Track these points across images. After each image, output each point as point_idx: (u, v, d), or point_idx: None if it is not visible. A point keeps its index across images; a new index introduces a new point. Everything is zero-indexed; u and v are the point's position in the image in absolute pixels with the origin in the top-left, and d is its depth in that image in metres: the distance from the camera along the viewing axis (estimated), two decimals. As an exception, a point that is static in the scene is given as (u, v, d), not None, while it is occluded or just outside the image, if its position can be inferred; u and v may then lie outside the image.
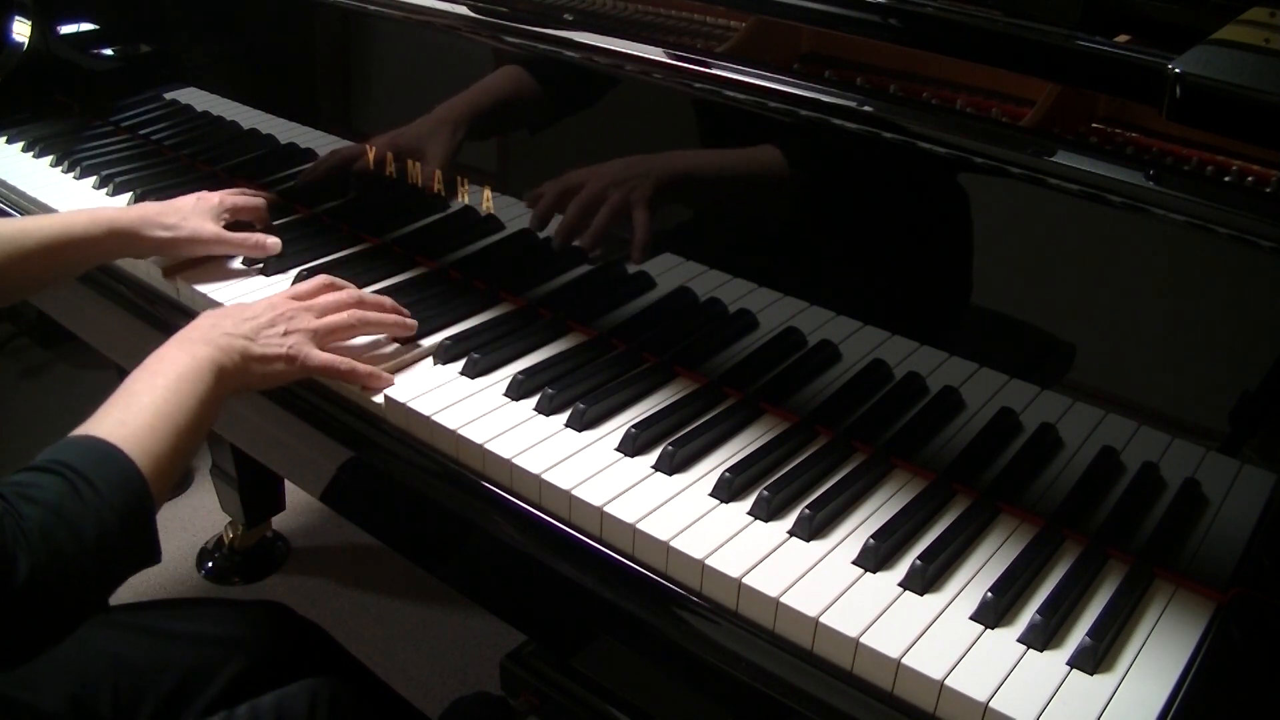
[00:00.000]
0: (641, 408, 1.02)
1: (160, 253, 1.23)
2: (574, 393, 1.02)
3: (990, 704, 0.73)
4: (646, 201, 1.05)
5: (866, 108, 0.91)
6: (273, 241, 1.25)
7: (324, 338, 1.05)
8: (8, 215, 1.46)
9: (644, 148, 1.07)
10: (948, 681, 0.74)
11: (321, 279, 1.12)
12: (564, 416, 1.00)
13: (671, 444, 0.95)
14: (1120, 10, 0.90)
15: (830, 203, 0.99)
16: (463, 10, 1.16)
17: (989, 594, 0.80)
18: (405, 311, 1.12)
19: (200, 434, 0.92)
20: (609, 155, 1.09)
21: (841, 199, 0.98)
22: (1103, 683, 0.76)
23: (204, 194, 1.27)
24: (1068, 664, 0.77)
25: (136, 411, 0.87)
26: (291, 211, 1.40)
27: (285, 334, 1.02)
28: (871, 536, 0.85)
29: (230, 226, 1.26)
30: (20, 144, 1.59)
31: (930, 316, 0.96)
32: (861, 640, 0.77)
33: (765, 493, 0.89)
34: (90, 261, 1.21)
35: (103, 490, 0.79)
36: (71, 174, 1.49)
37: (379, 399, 1.03)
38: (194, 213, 1.22)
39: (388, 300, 1.12)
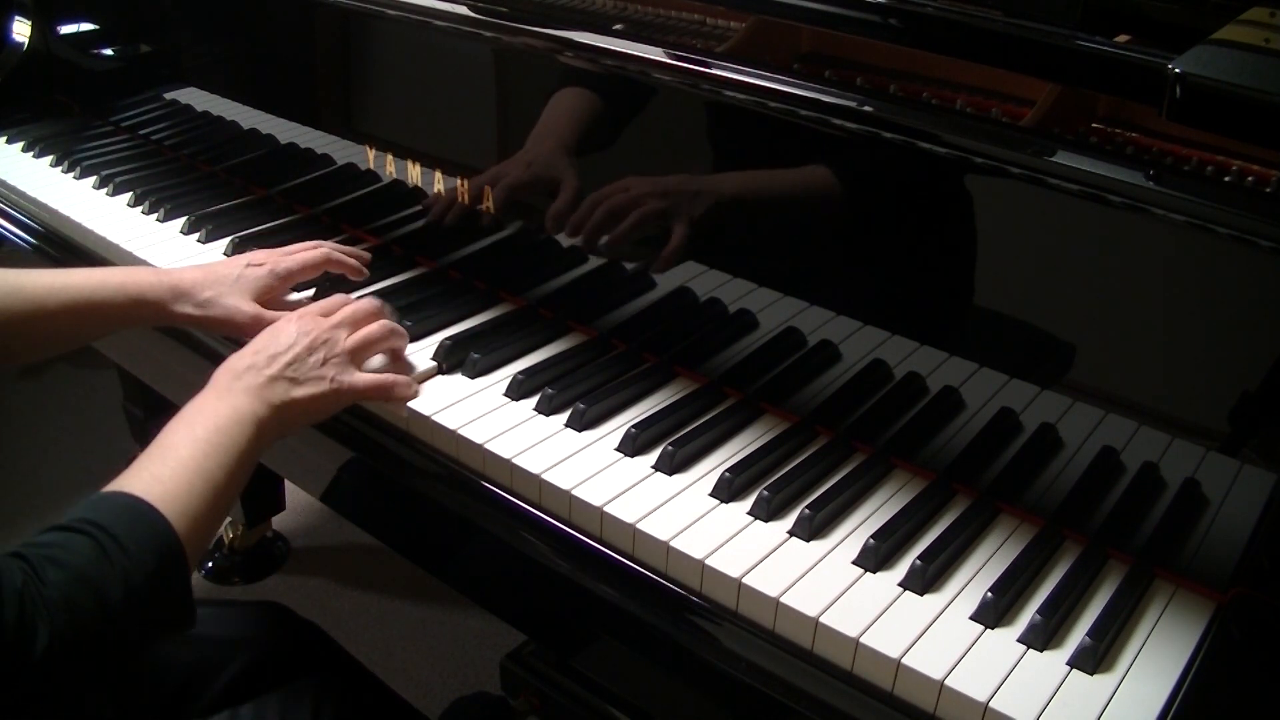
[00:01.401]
0: (641, 408, 1.02)
1: (192, 328, 1.13)
2: (574, 393, 1.02)
3: (990, 704, 0.73)
4: (691, 221, 1.03)
5: (866, 108, 0.91)
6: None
7: (360, 354, 1.01)
8: (8, 214, 1.46)
9: (645, 145, 1.07)
10: (948, 681, 0.74)
11: (338, 298, 1.07)
12: (564, 416, 1.00)
13: (671, 444, 0.95)
14: (1120, 10, 0.90)
15: (830, 203, 0.98)
16: (463, 10, 1.16)
17: (989, 594, 0.80)
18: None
19: (236, 489, 0.88)
20: (609, 154, 1.09)
21: (841, 199, 0.98)
22: (1103, 683, 0.76)
23: (256, 259, 1.12)
24: (1068, 664, 0.77)
25: (173, 467, 0.83)
26: (291, 211, 1.40)
27: (324, 362, 0.97)
28: (871, 536, 0.85)
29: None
30: (20, 144, 1.59)
31: (930, 316, 0.96)
32: (861, 640, 0.77)
33: (765, 493, 0.89)
34: (114, 329, 1.11)
35: (132, 551, 0.76)
36: (71, 174, 1.49)
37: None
38: (234, 288, 1.08)
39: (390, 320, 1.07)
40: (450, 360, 1.07)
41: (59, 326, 1.04)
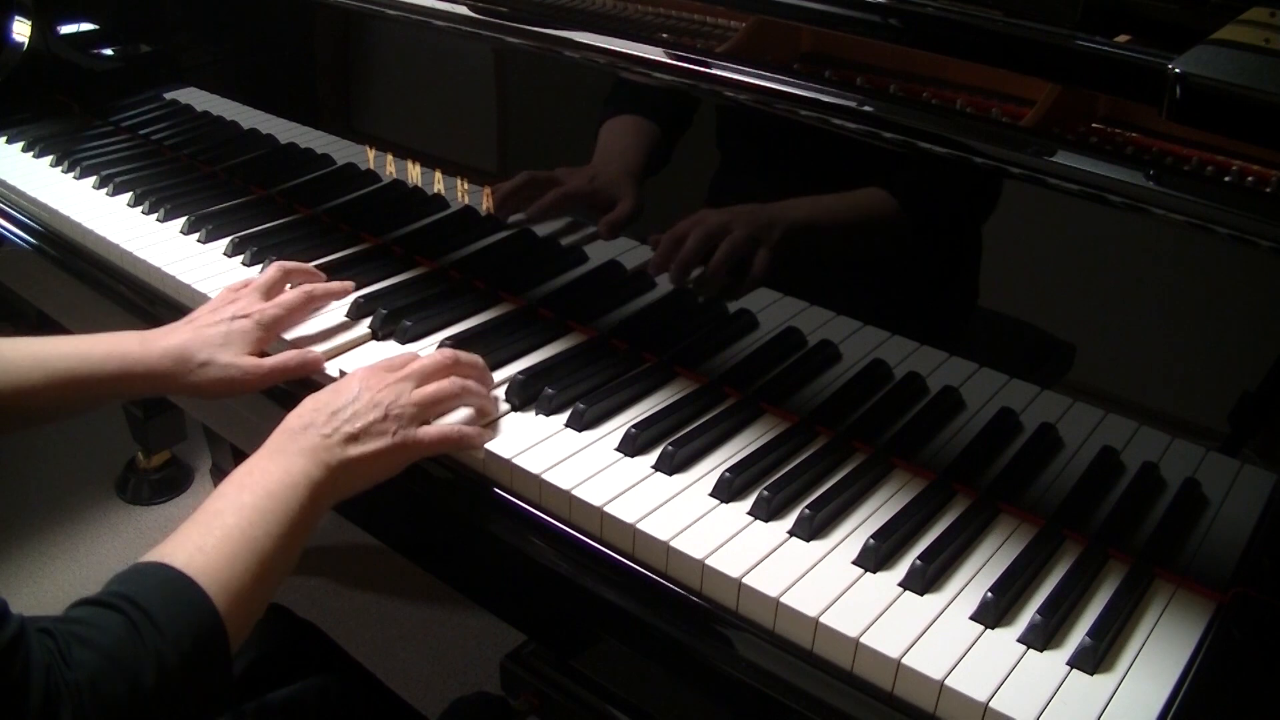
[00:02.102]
0: (641, 408, 1.02)
1: (195, 396, 1.04)
2: (574, 393, 1.02)
3: (990, 704, 0.73)
4: (772, 247, 1.00)
5: (866, 108, 0.91)
6: (312, 358, 1.06)
7: (428, 410, 0.94)
8: (8, 214, 1.46)
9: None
10: (948, 681, 0.74)
11: (406, 354, 1.00)
12: (564, 416, 1.00)
13: (671, 444, 0.95)
14: (1120, 10, 0.90)
15: (844, 231, 0.98)
16: (463, 10, 1.16)
17: (989, 594, 0.80)
18: (488, 373, 1.03)
19: (289, 560, 0.82)
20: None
21: (841, 200, 0.98)
22: (1103, 683, 0.76)
23: (240, 310, 1.06)
24: (1068, 664, 0.77)
25: (218, 537, 0.77)
26: (291, 211, 1.41)
27: (387, 418, 0.90)
28: (871, 536, 0.85)
29: None
30: (20, 144, 1.59)
31: (930, 316, 0.96)
32: (861, 640, 0.77)
33: (765, 493, 0.89)
34: (106, 400, 1.05)
35: (166, 630, 0.70)
36: (71, 174, 1.49)
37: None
38: (225, 348, 1.02)
39: (478, 359, 1.02)
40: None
41: (43, 401, 0.97)
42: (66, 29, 1.70)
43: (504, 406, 1.02)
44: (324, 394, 0.93)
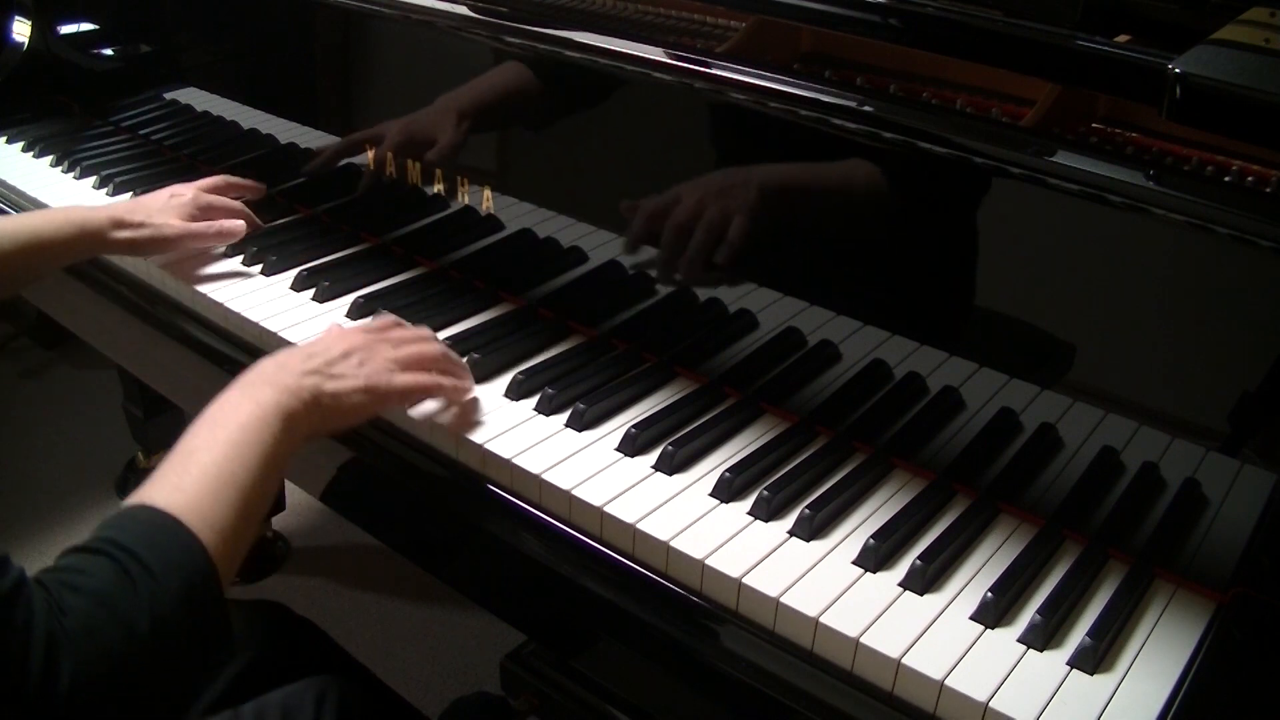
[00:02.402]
0: (641, 408, 1.02)
1: (130, 253, 1.23)
2: (574, 393, 1.02)
3: (990, 704, 0.73)
4: (749, 213, 1.01)
5: (866, 108, 0.91)
6: (237, 225, 1.24)
7: (405, 368, 0.95)
8: (7, 215, 1.46)
9: (648, 147, 1.07)
10: (948, 681, 0.74)
11: (390, 318, 1.03)
12: (564, 416, 1.00)
13: (671, 444, 0.95)
14: (1120, 10, 0.90)
15: (830, 203, 0.98)
16: (463, 10, 1.16)
17: (989, 594, 0.80)
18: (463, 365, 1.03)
19: (269, 492, 0.82)
20: (608, 153, 1.09)
21: (841, 200, 0.98)
22: (1103, 683, 0.76)
23: (178, 188, 1.26)
24: (1068, 664, 0.77)
25: (195, 475, 0.77)
26: (292, 211, 1.41)
27: (361, 364, 0.92)
28: (871, 536, 0.85)
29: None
30: (20, 144, 1.59)
31: (930, 316, 0.96)
32: (861, 640, 0.77)
33: (765, 493, 0.89)
34: (63, 261, 1.21)
35: (158, 572, 0.70)
36: (71, 174, 1.49)
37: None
38: (161, 210, 1.21)
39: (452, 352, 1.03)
40: (450, 360, 1.07)
41: (14, 265, 1.12)
42: (66, 29, 1.70)
43: (504, 406, 1.02)
44: (301, 345, 0.97)
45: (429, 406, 1.00)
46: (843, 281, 1.00)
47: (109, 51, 1.69)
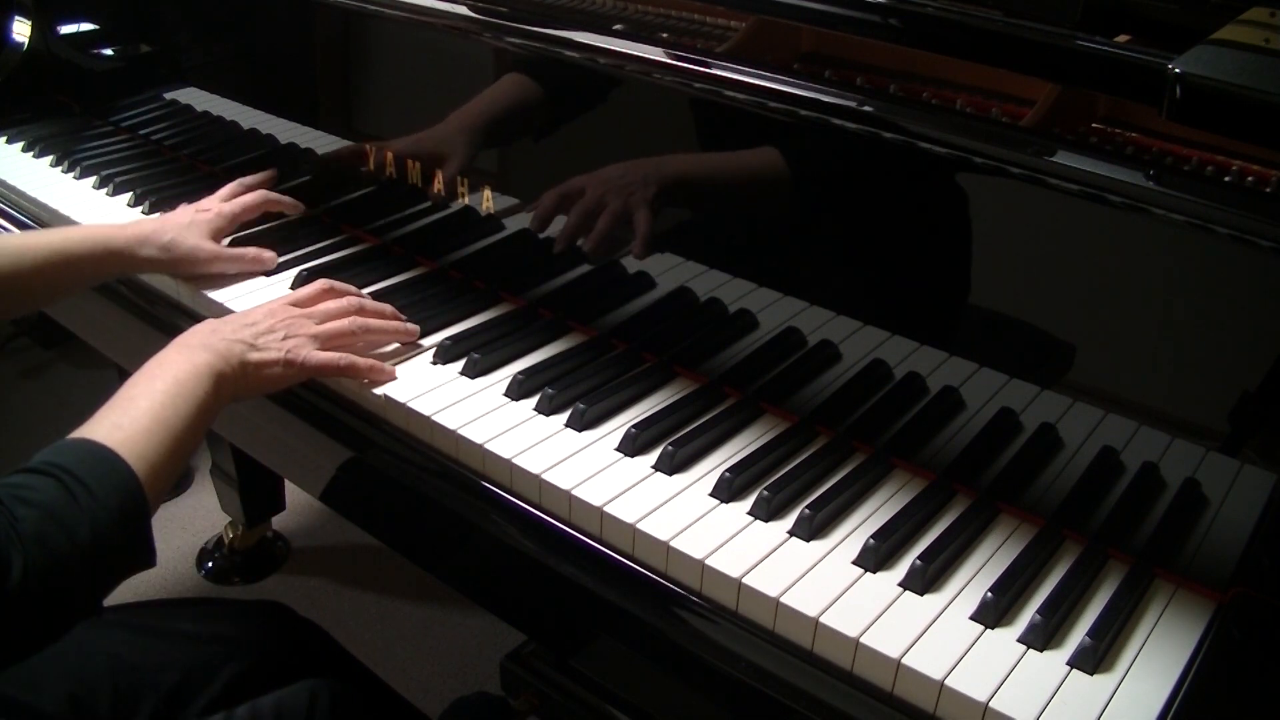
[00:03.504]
0: (641, 408, 1.02)
1: (158, 272, 1.22)
2: (574, 393, 1.01)
3: (990, 704, 0.73)
4: (648, 204, 1.05)
5: (866, 108, 0.91)
6: (269, 256, 1.24)
7: (324, 344, 1.04)
8: (8, 214, 1.46)
9: (643, 147, 1.07)
10: (948, 681, 0.74)
11: (321, 283, 1.12)
12: (564, 416, 1.00)
13: (671, 444, 0.95)
14: (1120, 10, 0.90)
15: (830, 203, 0.99)
16: (463, 10, 1.16)
17: (989, 594, 0.80)
18: (403, 318, 1.12)
19: (196, 439, 0.92)
20: (608, 155, 1.09)
21: (841, 199, 0.98)
22: (1103, 683, 0.76)
23: (202, 206, 1.25)
24: (1068, 664, 0.77)
25: (133, 416, 0.87)
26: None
27: (285, 339, 1.02)
28: (871, 536, 0.85)
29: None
30: (20, 144, 1.59)
31: (930, 316, 0.96)
32: (861, 640, 0.77)
33: (765, 493, 0.89)
34: (89, 280, 1.21)
35: (97, 493, 0.80)
36: (71, 174, 1.49)
37: (378, 393, 1.03)
38: (189, 228, 1.20)
39: (387, 307, 1.12)
40: (450, 360, 1.07)
41: (36, 283, 1.12)
42: (66, 29, 1.70)
43: (504, 406, 1.02)
44: (233, 315, 1.06)
45: (436, 403, 1.00)
46: (843, 281, 1.00)
47: (109, 51, 1.69)
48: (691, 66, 0.99)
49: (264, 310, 1.05)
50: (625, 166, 1.06)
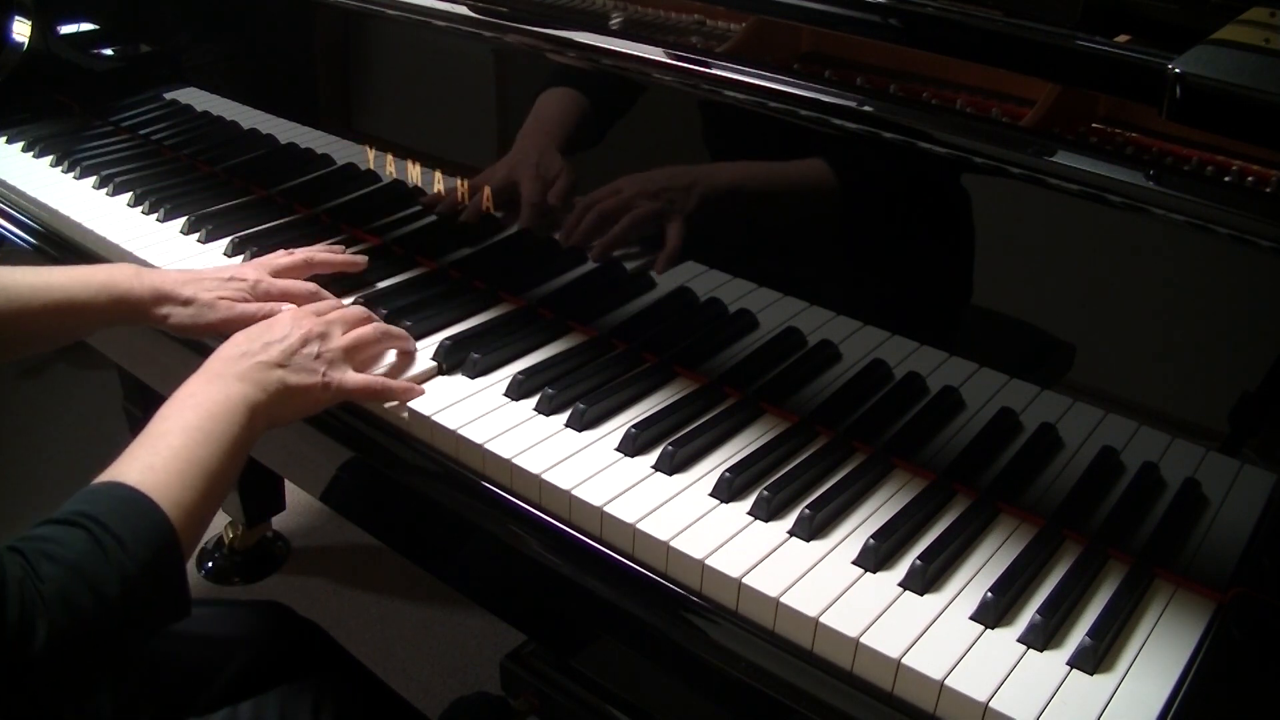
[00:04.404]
0: (641, 408, 1.02)
1: (169, 330, 1.08)
2: (574, 393, 1.01)
3: (990, 704, 0.73)
4: (686, 215, 1.03)
5: (866, 108, 0.91)
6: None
7: (353, 354, 1.01)
8: (8, 214, 1.46)
9: (645, 147, 1.07)
10: (948, 681, 0.74)
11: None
12: (564, 416, 1.00)
13: (671, 444, 0.95)
14: (1120, 10, 0.90)
15: (830, 203, 0.98)
16: (463, 10, 1.16)
17: (989, 594, 0.80)
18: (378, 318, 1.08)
19: (232, 478, 0.87)
20: (609, 155, 1.09)
21: (841, 199, 0.98)
22: (1103, 683, 0.76)
23: (242, 269, 1.13)
24: (1068, 664, 0.77)
25: (166, 455, 0.83)
26: (292, 211, 1.40)
27: (318, 356, 0.97)
28: (871, 536, 0.85)
29: None
30: (20, 144, 1.59)
31: (930, 316, 0.96)
32: (861, 640, 0.77)
33: (765, 493, 0.89)
34: (96, 328, 1.09)
35: (128, 543, 0.76)
36: (71, 174, 1.49)
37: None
38: (215, 289, 1.08)
39: (400, 331, 1.08)
40: (450, 360, 1.07)
41: (41, 326, 1.04)
42: (66, 29, 1.70)
43: (504, 406, 1.02)
44: (256, 328, 0.99)
45: (436, 403, 1.00)
46: (843, 281, 1.00)
47: (109, 51, 1.69)
48: (691, 67, 0.99)
49: (287, 321, 0.99)
50: (670, 173, 1.04)
